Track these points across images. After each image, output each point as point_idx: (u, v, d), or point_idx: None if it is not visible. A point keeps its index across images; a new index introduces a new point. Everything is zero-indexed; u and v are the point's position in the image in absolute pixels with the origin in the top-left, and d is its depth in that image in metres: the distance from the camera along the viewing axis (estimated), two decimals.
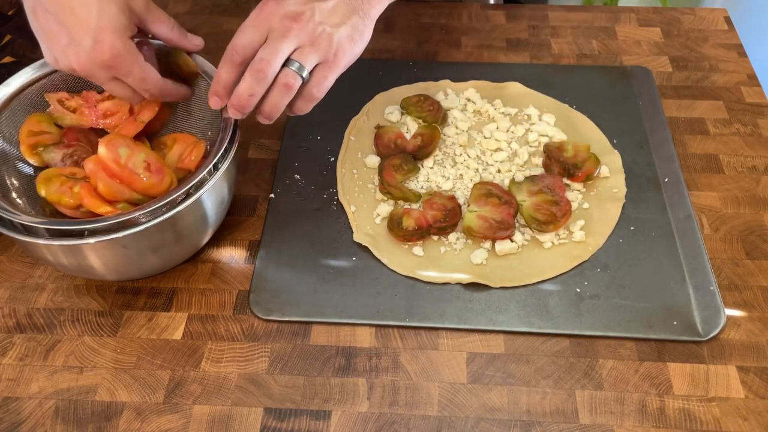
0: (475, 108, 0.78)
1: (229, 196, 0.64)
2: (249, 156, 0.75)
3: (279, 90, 0.55)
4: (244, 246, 0.67)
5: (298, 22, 0.54)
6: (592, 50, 0.87)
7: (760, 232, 0.67)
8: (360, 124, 0.77)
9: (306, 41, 0.55)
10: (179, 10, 0.93)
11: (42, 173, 0.60)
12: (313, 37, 0.55)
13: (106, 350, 0.60)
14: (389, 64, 0.85)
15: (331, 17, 0.56)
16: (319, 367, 0.58)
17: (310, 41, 0.55)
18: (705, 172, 0.73)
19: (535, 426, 0.55)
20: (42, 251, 0.56)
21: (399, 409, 0.56)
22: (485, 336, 0.60)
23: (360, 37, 0.58)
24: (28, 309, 0.63)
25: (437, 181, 0.71)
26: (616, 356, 0.59)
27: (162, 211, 0.55)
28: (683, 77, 0.83)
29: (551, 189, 0.67)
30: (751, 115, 0.78)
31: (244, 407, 0.56)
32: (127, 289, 0.64)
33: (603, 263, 0.64)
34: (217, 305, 0.63)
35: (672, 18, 0.92)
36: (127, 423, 0.55)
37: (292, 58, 0.55)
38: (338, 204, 0.70)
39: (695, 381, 0.57)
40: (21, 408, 0.56)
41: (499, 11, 0.92)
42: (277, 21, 0.55)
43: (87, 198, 0.57)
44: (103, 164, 0.57)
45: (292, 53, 0.55)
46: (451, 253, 0.65)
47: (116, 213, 0.56)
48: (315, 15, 0.55)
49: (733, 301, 0.62)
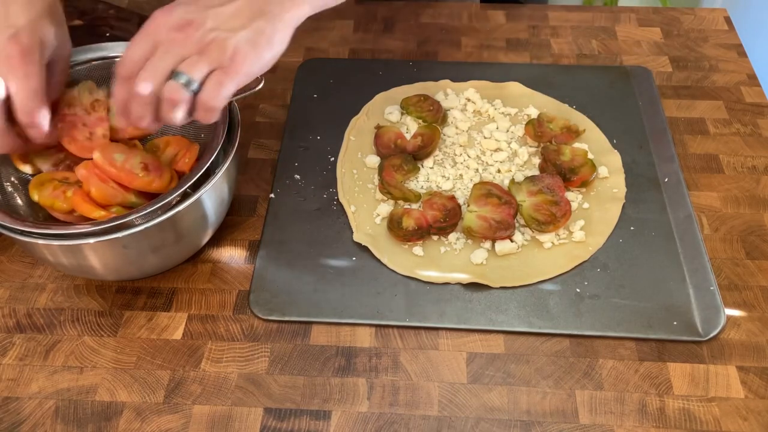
0: (475, 108, 0.78)
1: (229, 196, 0.64)
2: (249, 156, 0.75)
3: (166, 105, 0.52)
4: (244, 246, 0.67)
5: (185, 32, 0.51)
6: (592, 50, 0.87)
7: (760, 232, 0.67)
8: (360, 124, 0.77)
9: (194, 50, 0.51)
10: None
11: (35, 178, 0.60)
12: (201, 45, 0.51)
13: (106, 350, 0.60)
14: (389, 64, 0.85)
15: (227, 22, 0.52)
16: (319, 367, 0.58)
17: (198, 50, 0.51)
18: (705, 172, 0.73)
19: (535, 426, 0.55)
20: (42, 251, 0.56)
21: (399, 409, 0.56)
22: (485, 336, 0.60)
23: (267, 42, 0.53)
24: (28, 309, 0.63)
25: (437, 181, 0.71)
26: (616, 356, 0.59)
27: (157, 213, 0.54)
28: (683, 77, 0.83)
29: (551, 189, 0.67)
30: (751, 115, 0.78)
31: (244, 407, 0.56)
32: (127, 289, 0.64)
33: (603, 263, 0.64)
34: (217, 305, 0.63)
35: (672, 18, 0.92)
36: (127, 423, 0.55)
37: (178, 69, 0.51)
38: (338, 204, 0.70)
39: (695, 381, 0.57)
40: (21, 408, 0.56)
41: (499, 11, 0.93)
42: (164, 33, 0.52)
43: (80, 204, 0.56)
44: (96, 169, 0.56)
45: (181, 64, 0.51)
46: (451, 253, 0.65)
47: (111, 216, 0.55)
48: (207, 22, 0.52)
49: (733, 301, 0.62)
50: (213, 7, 0.53)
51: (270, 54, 0.54)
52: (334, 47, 0.88)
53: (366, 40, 0.89)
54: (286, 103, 0.80)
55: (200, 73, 0.51)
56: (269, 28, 0.54)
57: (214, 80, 0.52)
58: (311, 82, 0.82)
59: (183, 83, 0.51)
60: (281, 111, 0.80)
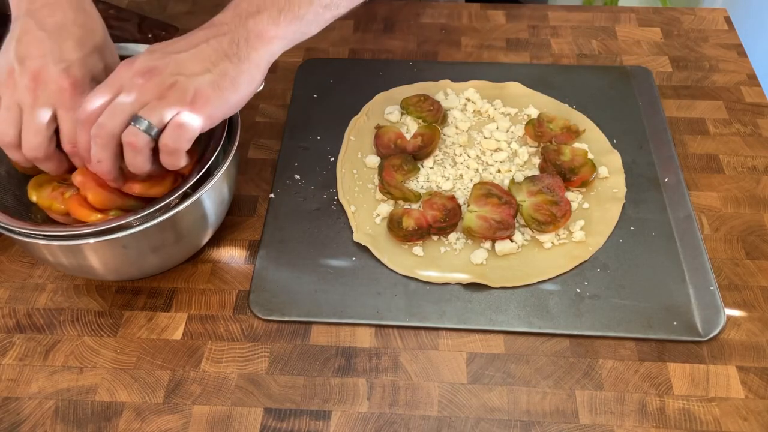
0: (475, 108, 0.78)
1: (229, 196, 0.64)
2: (249, 156, 0.75)
3: (127, 149, 0.52)
4: (244, 246, 0.67)
5: (146, 77, 0.52)
6: (592, 50, 0.87)
7: (760, 232, 0.67)
8: (360, 124, 0.77)
9: (154, 95, 0.51)
10: (179, 10, 0.93)
11: (33, 179, 0.60)
12: (162, 89, 0.51)
13: (106, 350, 0.60)
14: (389, 64, 0.85)
15: (189, 66, 0.52)
16: (319, 367, 0.58)
17: (159, 95, 0.51)
18: (705, 172, 0.73)
19: (535, 426, 0.55)
20: (42, 251, 0.56)
21: (399, 409, 0.56)
22: (485, 336, 0.60)
23: (231, 83, 0.53)
24: (28, 309, 0.63)
25: (437, 181, 0.71)
26: (616, 356, 0.59)
27: (157, 214, 0.54)
28: (683, 77, 0.83)
29: (551, 189, 0.67)
30: (751, 115, 0.78)
31: (244, 407, 0.56)
32: (127, 289, 0.64)
33: (603, 263, 0.64)
34: (217, 305, 0.63)
35: (672, 18, 0.92)
36: (127, 423, 0.55)
37: (139, 115, 0.51)
38: (338, 204, 0.70)
39: (695, 381, 0.57)
40: (21, 408, 0.56)
41: (499, 11, 0.93)
42: (127, 80, 0.52)
43: (77, 209, 0.56)
44: (94, 174, 0.56)
45: (142, 109, 0.52)
46: (451, 253, 0.65)
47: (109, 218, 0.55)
48: (168, 67, 0.52)
49: (733, 301, 0.62)
50: (176, 53, 0.53)
51: (236, 96, 0.54)
52: (334, 47, 0.88)
53: (366, 40, 0.89)
54: (286, 103, 0.80)
55: (159, 117, 0.51)
56: (233, 70, 0.54)
57: (174, 123, 0.52)
58: (311, 82, 0.82)
59: (143, 129, 0.51)
60: (281, 111, 0.80)
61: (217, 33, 0.54)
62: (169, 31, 0.88)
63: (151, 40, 0.86)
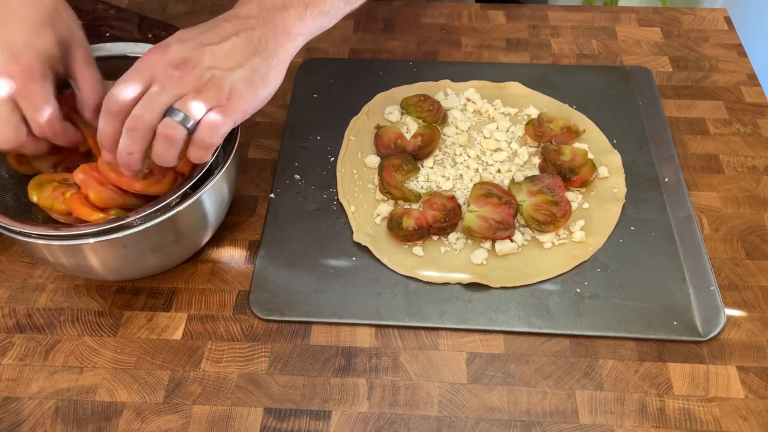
0: (475, 108, 0.78)
1: (229, 196, 0.64)
2: (249, 156, 0.75)
3: (161, 142, 0.51)
4: (244, 246, 0.67)
5: (182, 70, 0.51)
6: (592, 50, 0.87)
7: (760, 232, 0.67)
8: (360, 124, 0.77)
9: (191, 89, 0.51)
10: (179, 10, 0.93)
11: (34, 179, 0.60)
12: (199, 84, 0.51)
13: (106, 350, 0.60)
14: (389, 64, 0.85)
15: (224, 61, 0.52)
16: (319, 367, 0.58)
17: (195, 88, 0.51)
18: (705, 172, 0.73)
19: (535, 426, 0.55)
20: (42, 251, 0.56)
21: (399, 409, 0.56)
22: (485, 336, 0.60)
23: (262, 80, 0.54)
24: (28, 309, 0.63)
25: (437, 181, 0.71)
26: (616, 356, 0.59)
27: (157, 214, 0.54)
28: (683, 77, 0.83)
29: (551, 189, 0.67)
30: (751, 115, 0.78)
31: (244, 407, 0.56)
32: (127, 289, 0.64)
33: (603, 263, 0.64)
34: (217, 305, 0.63)
35: (672, 18, 0.92)
36: (127, 423, 0.55)
37: (174, 107, 0.51)
38: (338, 204, 0.70)
39: (695, 381, 0.57)
40: (21, 408, 0.56)
41: (499, 11, 0.93)
42: (160, 70, 0.51)
43: (78, 208, 0.56)
44: (95, 172, 0.56)
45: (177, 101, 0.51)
46: (451, 253, 0.65)
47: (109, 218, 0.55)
48: (203, 60, 0.52)
49: (733, 301, 0.62)
50: (210, 44, 0.53)
51: (266, 92, 0.55)
52: (334, 47, 0.88)
53: (366, 40, 0.89)
54: (286, 103, 0.80)
55: (198, 112, 0.51)
56: (264, 66, 0.54)
57: (210, 119, 0.52)
58: (311, 82, 0.82)
59: (179, 121, 0.51)
60: (281, 111, 0.80)
61: (245, 26, 0.54)
62: (169, 31, 0.88)
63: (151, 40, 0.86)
